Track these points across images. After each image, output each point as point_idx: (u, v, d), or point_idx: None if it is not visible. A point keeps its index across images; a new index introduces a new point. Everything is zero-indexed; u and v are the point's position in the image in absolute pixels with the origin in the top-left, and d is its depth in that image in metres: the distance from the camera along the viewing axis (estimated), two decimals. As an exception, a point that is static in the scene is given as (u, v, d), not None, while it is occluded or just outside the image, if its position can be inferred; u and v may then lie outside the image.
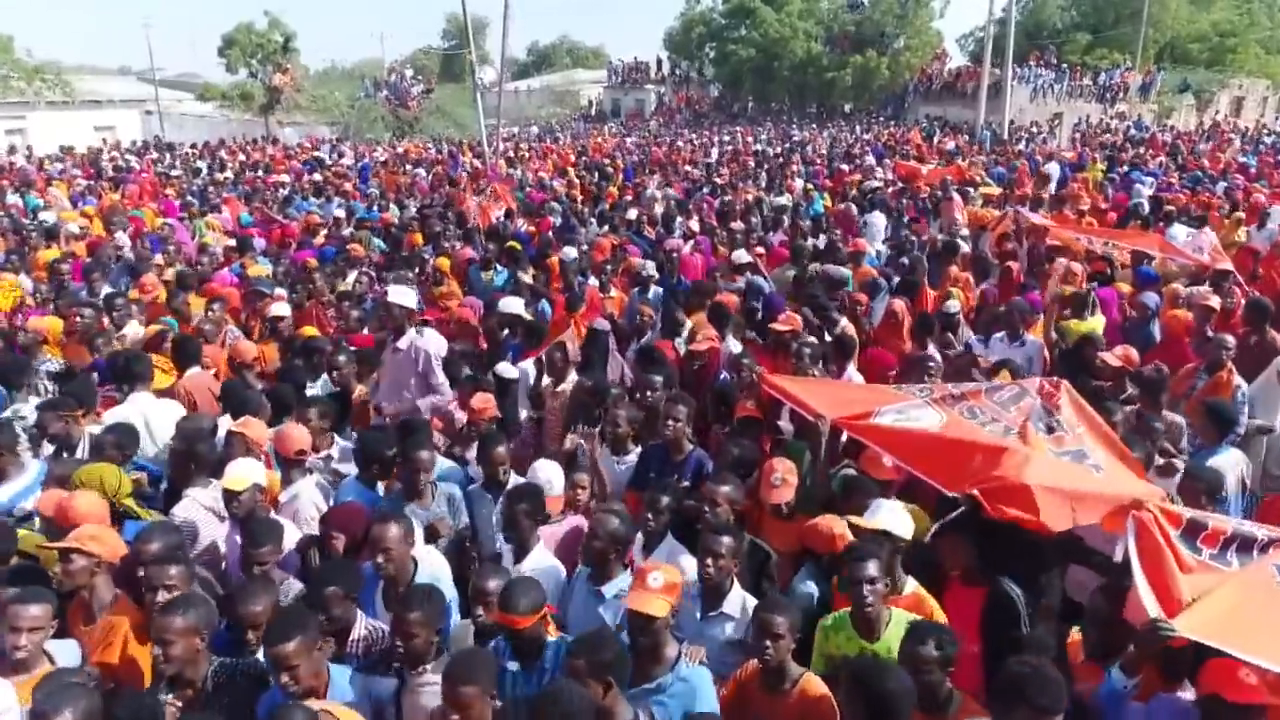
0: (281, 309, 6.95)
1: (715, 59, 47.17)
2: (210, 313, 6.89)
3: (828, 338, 6.58)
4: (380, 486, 4.57)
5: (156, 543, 3.59)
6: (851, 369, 6.01)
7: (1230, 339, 5.92)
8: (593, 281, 8.63)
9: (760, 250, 9.35)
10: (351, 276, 9.06)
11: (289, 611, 3.14)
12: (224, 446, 4.61)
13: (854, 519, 3.68)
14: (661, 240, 10.42)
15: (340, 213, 12.78)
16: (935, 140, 27.57)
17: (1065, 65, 38.34)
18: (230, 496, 3.99)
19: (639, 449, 5.00)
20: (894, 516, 3.61)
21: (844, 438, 4.49)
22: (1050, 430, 3.90)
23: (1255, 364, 6.46)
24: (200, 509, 4.14)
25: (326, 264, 9.43)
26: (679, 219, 12.12)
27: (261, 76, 37.73)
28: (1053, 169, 18.34)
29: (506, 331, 6.85)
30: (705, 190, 15.71)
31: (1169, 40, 41.96)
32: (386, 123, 41.75)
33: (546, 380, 6.00)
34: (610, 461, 4.99)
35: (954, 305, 7.35)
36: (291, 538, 4.01)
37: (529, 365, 6.27)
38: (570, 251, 9.02)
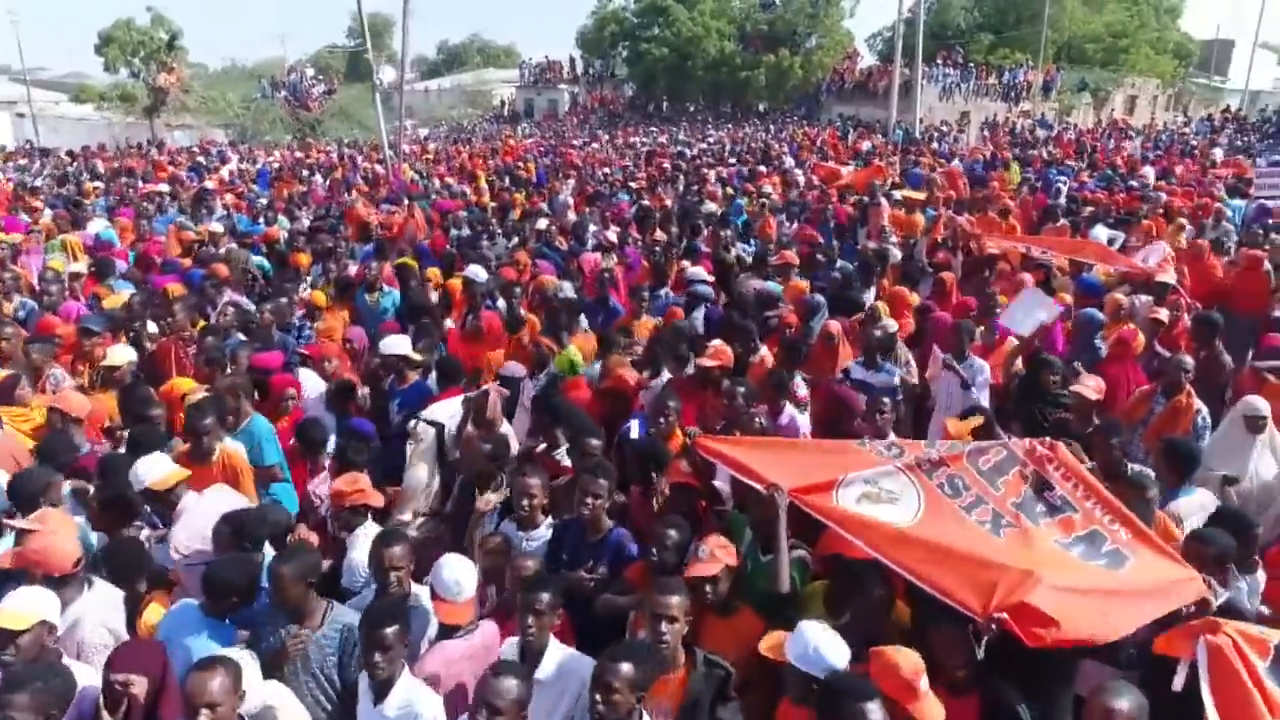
0: (119, 355, 5.82)
1: (629, 58, 46.60)
2: (33, 355, 5.75)
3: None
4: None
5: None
6: (791, 409, 5.33)
7: (1189, 359, 5.49)
8: (500, 306, 7.76)
9: (685, 263, 8.64)
10: (224, 300, 7.93)
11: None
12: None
13: (768, 643, 2.98)
14: (576, 254, 9.59)
15: (218, 226, 11.50)
16: (851, 140, 27.51)
17: (971, 65, 39.14)
18: (7, 639, 2.97)
19: (549, 520, 4.19)
20: (817, 653, 2.82)
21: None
22: (1054, 511, 3.25)
23: (1205, 382, 6.09)
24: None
25: (194, 290, 8.28)
26: (592, 228, 11.34)
27: (145, 76, 35.27)
28: (955, 166, 18.15)
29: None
30: (622, 195, 14.97)
31: (1066, 41, 43.26)
32: (286, 125, 39.88)
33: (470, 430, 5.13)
34: (518, 538, 4.16)
35: (891, 325, 6.79)
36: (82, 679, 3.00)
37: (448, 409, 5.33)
38: (478, 271, 8.07)
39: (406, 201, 12.78)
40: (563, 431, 4.80)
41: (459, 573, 3.46)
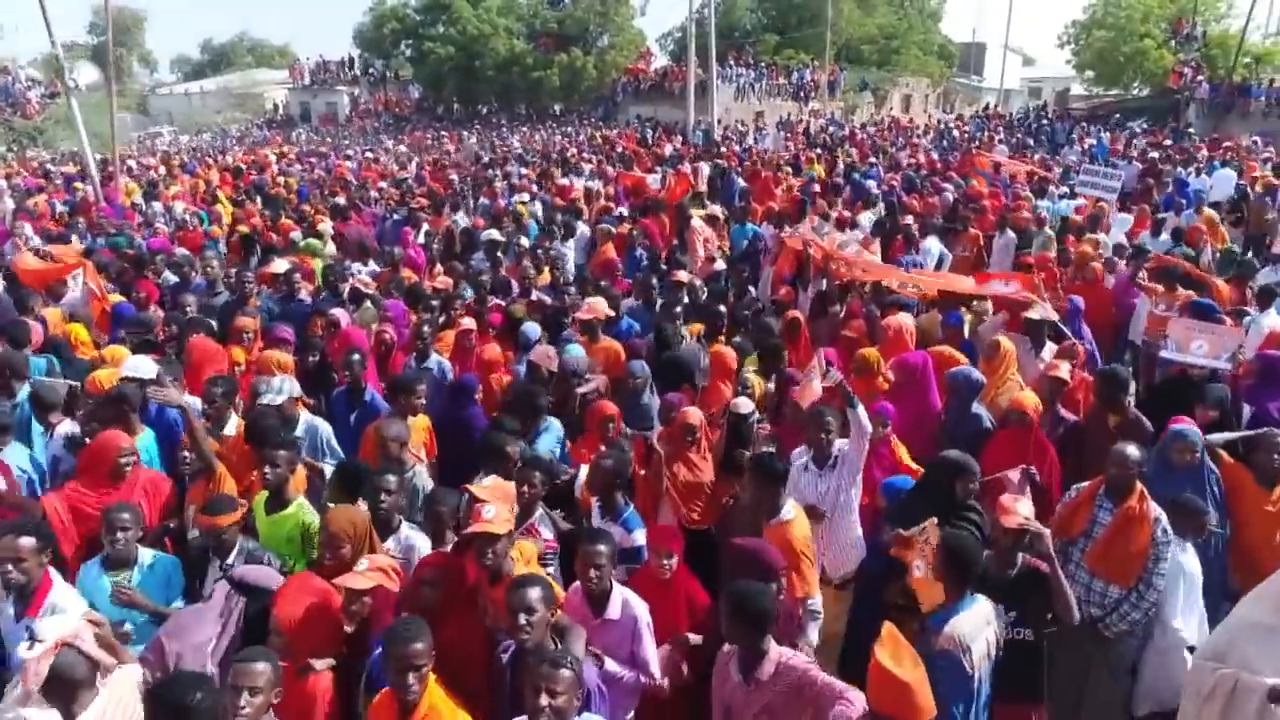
0: None
1: (413, 58, 43.33)
2: None
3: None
4: None
5: None
6: (623, 592, 3.43)
7: (1136, 452, 4.11)
8: (192, 405, 5.34)
9: (468, 324, 6.50)
10: None
11: None
12: None
13: None
14: (322, 310, 7.17)
15: None
16: (651, 142, 26.29)
17: (762, 65, 39.51)
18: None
19: None
20: None
21: None
22: None
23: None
24: None
25: None
26: (357, 269, 9.01)
27: None
28: (704, 168, 17.06)
29: None
30: (396, 217, 12.55)
31: (845, 42, 44.72)
32: (-1, 135, 33.76)
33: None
34: None
35: (746, 404, 5.09)
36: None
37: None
38: (138, 364, 5.40)
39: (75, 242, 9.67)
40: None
41: None
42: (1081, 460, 5.03)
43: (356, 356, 5.47)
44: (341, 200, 14.55)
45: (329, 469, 4.73)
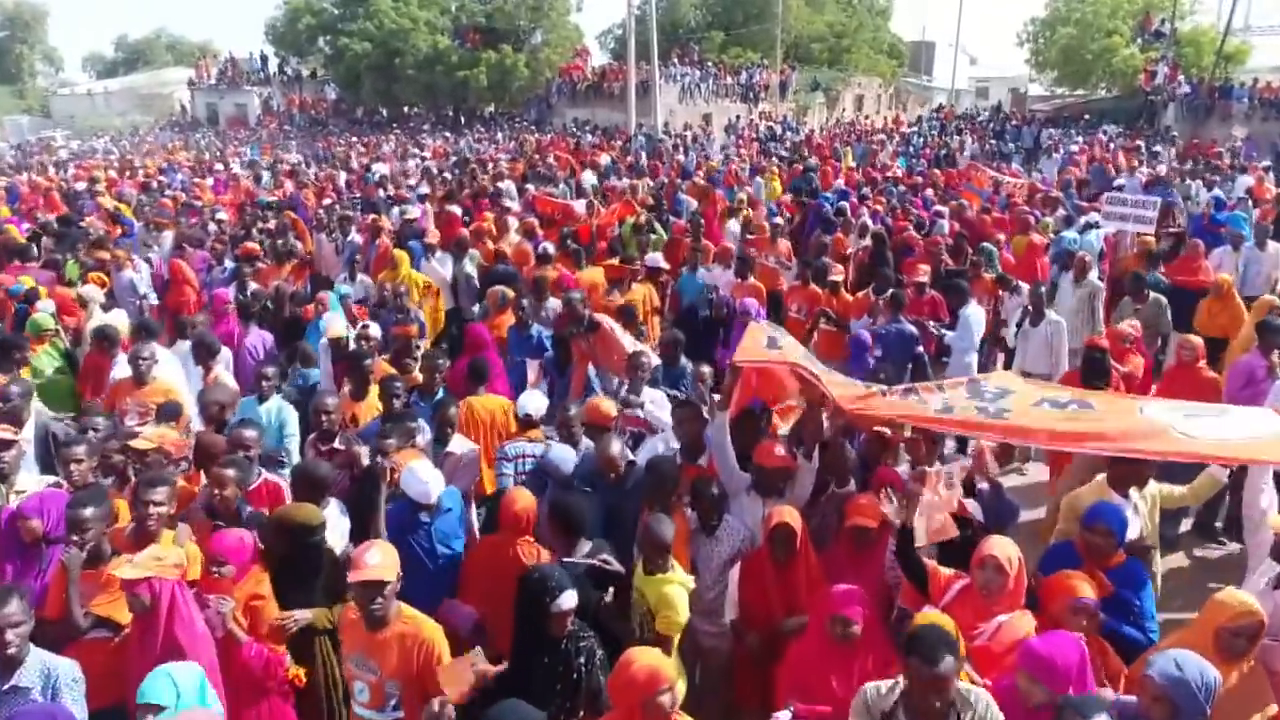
0: None
1: (330, 55, 39.56)
2: None
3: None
4: None
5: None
6: None
7: None
8: None
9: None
10: None
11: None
12: None
13: None
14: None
15: None
16: (584, 147, 23.11)
17: (709, 64, 36.78)
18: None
19: None
20: None
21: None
22: None
23: None
24: None
25: None
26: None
27: None
28: (589, 178, 14.48)
29: None
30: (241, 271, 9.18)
31: (794, 40, 42.29)
32: None
33: None
34: None
35: None
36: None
37: None
38: None
39: None
40: None
41: None
42: None
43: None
44: (170, 235, 11.19)
45: None
